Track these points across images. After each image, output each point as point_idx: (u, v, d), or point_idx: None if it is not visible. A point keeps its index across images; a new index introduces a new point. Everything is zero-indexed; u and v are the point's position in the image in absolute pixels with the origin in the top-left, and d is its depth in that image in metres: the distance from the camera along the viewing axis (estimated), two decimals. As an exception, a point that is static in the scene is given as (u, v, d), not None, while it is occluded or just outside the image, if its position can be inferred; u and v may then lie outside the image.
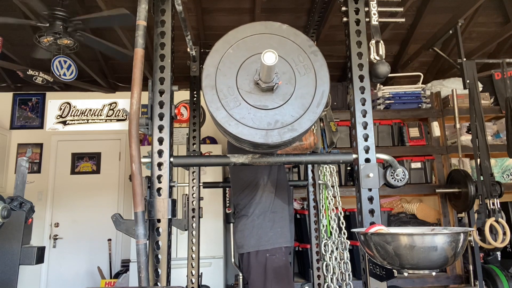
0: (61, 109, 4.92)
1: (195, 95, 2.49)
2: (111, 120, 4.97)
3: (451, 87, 3.77)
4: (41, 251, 1.16)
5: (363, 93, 1.38)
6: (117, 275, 4.50)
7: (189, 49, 2.08)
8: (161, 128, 1.32)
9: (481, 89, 3.72)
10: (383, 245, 0.98)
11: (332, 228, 1.99)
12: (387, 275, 1.18)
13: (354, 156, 1.36)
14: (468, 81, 2.82)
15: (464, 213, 3.51)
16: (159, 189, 1.29)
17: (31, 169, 4.84)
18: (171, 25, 1.40)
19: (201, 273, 2.49)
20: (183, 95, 4.66)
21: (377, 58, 1.38)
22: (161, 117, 1.33)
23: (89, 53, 4.24)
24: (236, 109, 1.13)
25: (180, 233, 3.82)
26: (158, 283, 1.24)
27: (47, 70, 3.56)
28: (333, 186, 2.04)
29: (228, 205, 3.65)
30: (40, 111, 5.03)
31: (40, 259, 1.15)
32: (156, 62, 1.36)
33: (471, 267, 3.29)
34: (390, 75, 3.29)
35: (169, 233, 1.29)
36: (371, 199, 1.32)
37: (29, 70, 3.62)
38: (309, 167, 2.42)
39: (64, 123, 4.90)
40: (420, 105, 3.79)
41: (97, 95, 4.99)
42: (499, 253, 3.43)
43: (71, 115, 4.92)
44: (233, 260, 3.54)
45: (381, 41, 1.39)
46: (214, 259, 3.90)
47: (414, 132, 3.74)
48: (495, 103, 3.87)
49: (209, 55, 1.17)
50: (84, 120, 4.94)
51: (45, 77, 3.68)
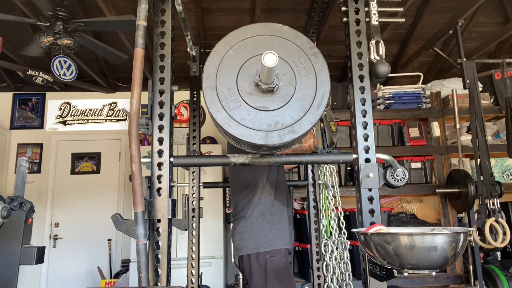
0: (61, 109, 4.92)
1: (195, 95, 2.49)
2: (111, 120, 4.97)
3: (451, 87, 3.77)
4: (41, 251, 1.16)
5: (363, 93, 1.38)
6: (117, 275, 4.50)
7: (189, 49, 2.08)
8: (161, 128, 1.32)
9: (481, 89, 3.72)
10: (383, 245, 0.98)
11: (332, 228, 1.99)
12: (387, 275, 1.18)
13: (354, 156, 1.36)
14: (468, 81, 2.82)
15: (464, 213, 3.52)
16: (159, 189, 1.29)
17: (31, 169, 4.84)
18: (171, 25, 1.40)
19: (201, 273, 2.49)
20: (183, 95, 4.66)
21: (377, 58, 1.38)
22: (161, 117, 1.33)
23: (89, 53, 4.24)
24: (236, 110, 1.13)
25: (180, 233, 3.82)
26: (158, 283, 1.24)
27: (47, 70, 3.57)
28: (333, 186, 2.04)
29: (228, 205, 3.65)
30: (40, 111, 5.03)
31: (40, 259, 1.15)
32: (156, 62, 1.36)
33: (471, 267, 3.29)
34: (390, 75, 3.29)
35: (169, 233, 1.29)
36: (371, 199, 1.32)
37: (29, 70, 3.62)
38: (309, 167, 2.42)
39: (64, 123, 4.90)
40: (420, 105, 3.79)
41: (97, 95, 4.99)
42: (499, 253, 3.43)
43: (71, 115, 4.92)
44: (233, 260, 3.54)
45: (381, 41, 1.39)
46: (214, 259, 3.90)
47: (414, 132, 3.74)
48: (495, 103, 3.87)
49: (209, 56, 1.16)
50: (84, 120, 4.94)
51: (45, 77, 3.68)
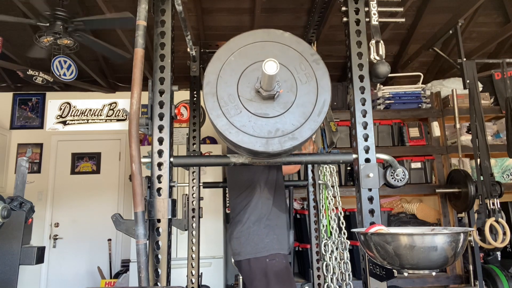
0: (61, 109, 4.92)
1: (195, 95, 2.49)
2: (111, 120, 4.96)
3: (451, 87, 3.77)
4: (41, 251, 1.16)
5: (363, 93, 1.38)
6: (117, 275, 4.50)
7: (189, 49, 2.08)
8: (161, 128, 1.32)
9: (481, 89, 3.72)
10: (383, 245, 0.98)
11: (332, 228, 1.99)
12: (387, 275, 1.18)
13: (354, 156, 1.36)
14: (468, 81, 2.82)
15: (464, 213, 3.51)
16: (159, 189, 1.29)
17: (31, 169, 4.84)
18: (171, 25, 1.40)
19: (201, 273, 2.49)
20: (183, 95, 4.66)
21: (377, 58, 1.38)
22: (161, 117, 1.33)
23: (89, 53, 4.24)
24: (236, 116, 1.12)
25: (180, 233, 3.82)
26: (158, 283, 1.24)
27: (47, 70, 3.57)
28: (333, 186, 2.04)
29: (228, 205, 3.64)
30: (40, 111, 5.03)
31: (40, 259, 1.15)
32: (156, 62, 1.36)
33: (471, 267, 3.29)
34: (390, 75, 3.29)
35: (169, 233, 1.29)
36: (371, 199, 1.32)
37: (29, 70, 3.62)
38: (309, 167, 2.42)
39: (64, 123, 4.90)
40: (420, 105, 3.79)
41: (97, 95, 4.99)
42: (499, 253, 3.43)
43: (71, 115, 4.92)
44: (233, 261, 3.54)
45: (381, 41, 1.39)
46: (214, 259, 3.90)
47: (414, 132, 3.74)
48: (495, 103, 3.87)
49: (210, 62, 1.16)
50: (84, 120, 4.93)
51: (45, 77, 3.68)
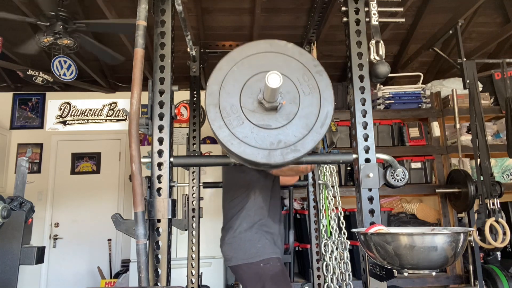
0: (61, 109, 4.92)
1: (195, 95, 2.49)
2: (111, 120, 4.97)
3: (451, 87, 3.76)
4: (41, 251, 1.16)
5: (363, 93, 1.38)
6: (117, 275, 4.51)
7: (189, 49, 2.08)
8: (161, 128, 1.32)
9: (481, 89, 3.72)
10: (383, 245, 0.98)
11: (332, 228, 1.99)
12: (387, 275, 1.18)
13: (354, 156, 1.36)
14: (468, 81, 2.82)
15: (464, 213, 3.51)
16: (159, 189, 1.29)
17: (31, 169, 4.84)
18: (171, 25, 1.40)
19: (201, 273, 2.49)
20: (183, 95, 4.66)
21: (377, 58, 1.38)
22: (161, 117, 1.33)
23: (89, 53, 4.23)
24: (239, 127, 1.11)
25: (180, 233, 3.82)
26: (158, 283, 1.24)
27: (47, 70, 3.57)
28: (333, 186, 2.04)
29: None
30: (40, 111, 5.03)
31: (40, 259, 1.16)
32: (156, 62, 1.36)
33: (471, 267, 3.28)
34: (390, 75, 3.29)
35: (169, 233, 1.29)
36: (371, 199, 1.32)
37: (29, 70, 3.62)
38: (309, 167, 2.41)
39: (64, 123, 4.90)
40: (420, 105, 3.78)
41: (97, 95, 4.99)
42: (499, 253, 3.43)
43: (71, 115, 4.92)
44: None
45: (381, 41, 1.39)
46: (214, 259, 3.90)
47: (414, 132, 3.74)
48: (495, 103, 3.87)
49: (213, 73, 1.15)
50: (84, 120, 4.94)
51: (45, 77, 3.68)
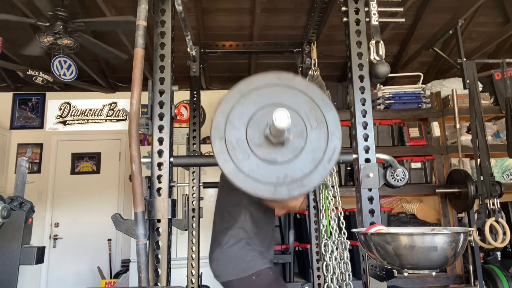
0: (61, 109, 4.92)
1: (195, 95, 2.50)
2: (111, 120, 4.97)
3: (451, 87, 3.76)
4: (41, 251, 1.16)
5: (363, 93, 1.38)
6: (117, 275, 4.51)
7: (189, 49, 2.08)
8: (161, 128, 1.32)
9: (481, 89, 3.72)
10: (383, 245, 0.98)
11: (332, 228, 1.99)
12: (387, 275, 1.18)
13: (354, 156, 1.36)
14: (468, 81, 2.82)
15: (464, 213, 3.51)
16: (159, 189, 1.29)
17: (31, 169, 4.84)
18: (171, 25, 1.40)
19: (201, 273, 2.49)
20: (183, 95, 4.66)
21: (377, 58, 1.38)
22: (161, 117, 1.33)
23: (89, 53, 4.24)
24: (244, 161, 1.09)
25: (180, 233, 3.82)
26: (158, 283, 1.24)
27: (47, 70, 3.57)
28: (333, 186, 2.04)
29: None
30: (40, 111, 5.03)
31: (40, 259, 1.16)
32: (156, 62, 1.36)
33: (471, 267, 3.28)
34: (390, 75, 3.28)
35: (169, 233, 1.29)
36: (371, 199, 1.32)
37: (29, 70, 3.62)
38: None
39: (64, 123, 4.90)
40: (420, 105, 3.78)
41: (97, 95, 4.99)
42: (499, 253, 3.43)
43: (71, 115, 4.92)
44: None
45: (381, 41, 1.39)
46: (214, 259, 3.90)
47: (414, 132, 3.74)
48: (495, 103, 3.87)
49: (219, 105, 1.13)
50: (84, 120, 4.94)
51: (45, 77, 3.68)
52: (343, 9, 1.43)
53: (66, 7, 3.09)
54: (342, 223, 1.93)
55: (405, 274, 1.03)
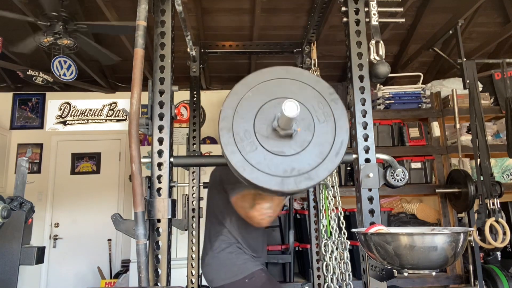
0: (61, 109, 4.92)
1: (195, 95, 2.49)
2: (111, 120, 4.97)
3: (451, 87, 3.76)
4: (41, 251, 1.16)
5: (363, 93, 1.38)
6: (117, 275, 4.51)
7: (189, 49, 2.08)
8: (161, 128, 1.32)
9: (481, 89, 3.71)
10: (383, 245, 0.98)
11: (332, 228, 1.99)
12: (387, 275, 1.18)
13: (354, 156, 1.36)
14: (468, 81, 2.82)
15: (464, 213, 3.51)
16: (159, 189, 1.29)
17: (31, 169, 4.84)
18: (171, 25, 1.40)
19: (201, 273, 2.49)
20: (183, 95, 4.65)
21: (377, 58, 1.38)
22: (161, 117, 1.33)
23: (89, 53, 4.24)
24: (252, 153, 1.09)
25: (180, 233, 3.82)
26: (158, 283, 1.24)
27: (47, 70, 3.57)
28: (333, 186, 2.04)
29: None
30: (40, 111, 5.03)
31: (40, 259, 1.16)
32: (156, 62, 1.36)
33: (471, 267, 3.28)
34: (390, 75, 3.28)
35: (169, 233, 1.29)
36: (371, 199, 1.32)
37: (29, 70, 3.62)
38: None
39: (64, 123, 4.90)
40: (420, 105, 3.78)
41: (97, 95, 4.99)
42: (499, 253, 3.43)
43: (71, 115, 4.92)
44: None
45: (381, 41, 1.39)
46: (214, 259, 3.90)
47: (414, 132, 3.74)
48: (495, 103, 3.87)
49: (227, 97, 1.14)
50: (84, 120, 4.94)
51: (45, 77, 3.68)
52: (343, 9, 1.43)
53: (66, 7, 3.09)
54: (342, 223, 1.93)
55: (405, 274, 1.03)
